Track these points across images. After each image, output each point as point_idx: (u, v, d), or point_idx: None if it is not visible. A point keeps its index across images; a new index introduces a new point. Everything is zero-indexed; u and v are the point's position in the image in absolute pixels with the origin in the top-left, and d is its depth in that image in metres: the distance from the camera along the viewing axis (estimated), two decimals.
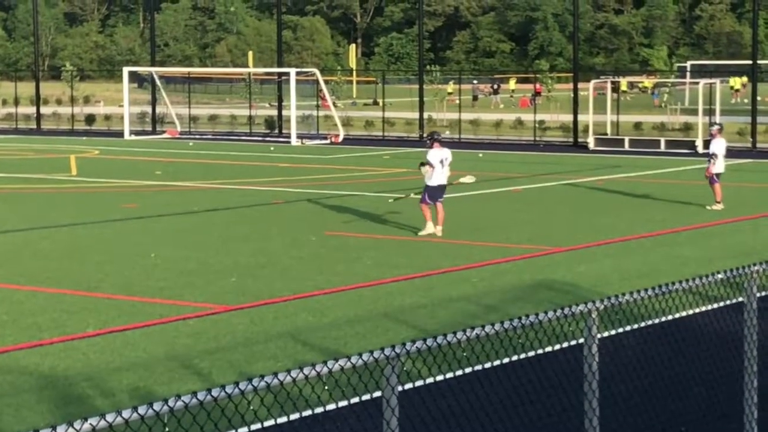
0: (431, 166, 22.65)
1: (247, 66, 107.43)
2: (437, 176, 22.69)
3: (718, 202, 26.56)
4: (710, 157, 26.94)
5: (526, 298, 16.33)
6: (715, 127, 27.55)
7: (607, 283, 17.33)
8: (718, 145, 26.98)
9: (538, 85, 66.04)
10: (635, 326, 12.88)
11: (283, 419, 8.20)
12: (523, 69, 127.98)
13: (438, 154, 22.77)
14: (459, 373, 10.75)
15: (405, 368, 6.74)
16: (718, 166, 26.80)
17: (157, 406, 5.01)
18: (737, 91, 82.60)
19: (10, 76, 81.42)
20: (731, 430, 9.57)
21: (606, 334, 11.70)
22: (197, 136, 54.78)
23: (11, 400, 11.34)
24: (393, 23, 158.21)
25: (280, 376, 5.53)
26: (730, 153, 43.32)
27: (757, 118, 47.04)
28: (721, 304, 13.59)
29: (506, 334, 6.81)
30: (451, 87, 79.18)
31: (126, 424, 4.89)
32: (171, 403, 5.06)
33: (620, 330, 12.73)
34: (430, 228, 22.56)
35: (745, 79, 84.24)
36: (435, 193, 22.69)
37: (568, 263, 19.48)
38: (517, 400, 9.57)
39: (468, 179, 25.27)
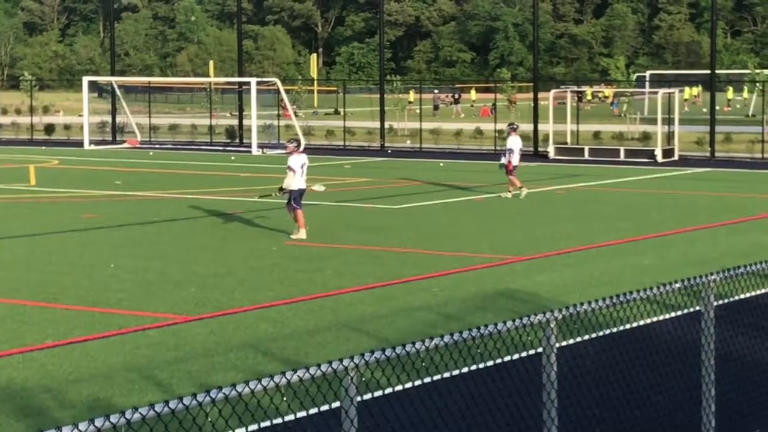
0: (293, 170, 23.41)
1: (207, 75, 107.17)
2: (299, 181, 23.51)
3: (510, 191, 30.97)
4: (507, 151, 31.16)
5: (486, 307, 16.36)
6: (511, 127, 31.94)
7: (566, 292, 17.40)
8: (514, 142, 31.17)
9: (513, 95, 65.99)
10: (594, 335, 12.95)
11: (241, 430, 8.18)
12: (484, 78, 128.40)
13: (299, 160, 23.68)
14: (418, 382, 10.76)
15: (364, 378, 6.74)
16: (515, 159, 30.93)
17: (114, 418, 5.00)
18: (686, 100, 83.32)
19: None
20: None
21: (564, 343, 11.74)
22: (157, 146, 54.58)
23: None
24: (354, 33, 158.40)
25: (239, 387, 5.53)
26: (688, 162, 43.97)
27: (716, 128, 47.37)
28: (679, 312, 13.66)
29: (465, 343, 6.84)
30: (412, 96, 79.26)
31: None
32: (128, 415, 5.05)
33: (579, 339, 12.79)
34: (302, 233, 23.16)
35: (698, 89, 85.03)
36: (298, 196, 23.42)
37: (528, 272, 19.54)
38: (476, 409, 9.58)
39: (318, 187, 25.80)
